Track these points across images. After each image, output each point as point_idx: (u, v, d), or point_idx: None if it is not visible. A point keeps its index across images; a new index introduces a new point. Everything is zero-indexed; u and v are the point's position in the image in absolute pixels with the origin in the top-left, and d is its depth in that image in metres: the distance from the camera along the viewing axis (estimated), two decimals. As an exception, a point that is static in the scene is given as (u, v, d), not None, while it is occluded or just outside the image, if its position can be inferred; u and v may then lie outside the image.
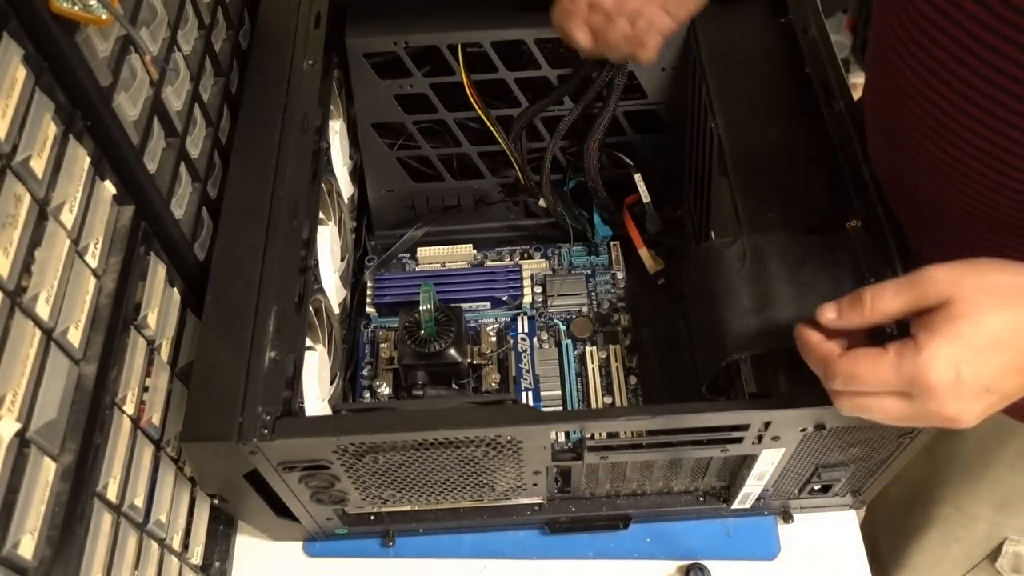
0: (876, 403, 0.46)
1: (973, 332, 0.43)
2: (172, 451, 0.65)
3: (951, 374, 0.43)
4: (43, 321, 0.48)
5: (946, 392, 0.44)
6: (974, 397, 0.44)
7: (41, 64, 0.48)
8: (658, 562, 0.73)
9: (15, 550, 0.44)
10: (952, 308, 0.44)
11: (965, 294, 0.44)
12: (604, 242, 0.88)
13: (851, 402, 0.47)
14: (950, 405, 0.44)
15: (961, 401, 0.44)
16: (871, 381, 0.46)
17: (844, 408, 0.48)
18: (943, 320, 0.44)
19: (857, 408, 0.47)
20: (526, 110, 0.81)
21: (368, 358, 0.82)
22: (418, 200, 0.89)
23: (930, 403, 0.44)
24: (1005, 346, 0.43)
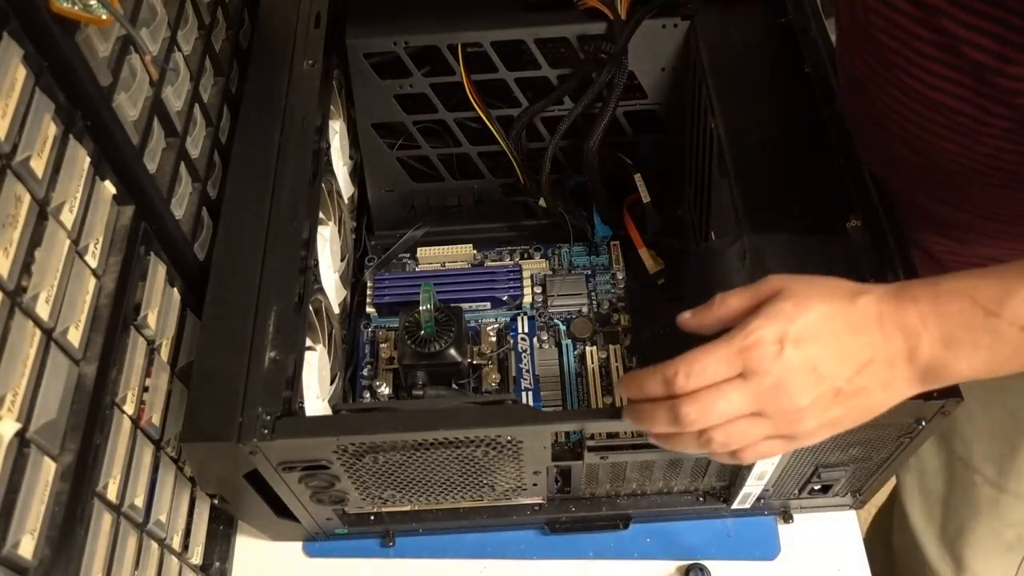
0: (720, 394, 0.47)
1: (795, 311, 0.46)
2: (172, 451, 0.65)
3: (775, 346, 0.46)
4: (43, 321, 0.48)
5: (771, 364, 0.46)
6: (800, 374, 0.46)
7: (41, 64, 0.48)
8: (658, 562, 0.73)
9: (15, 550, 0.44)
10: (780, 295, 0.47)
11: (794, 286, 0.48)
12: (604, 242, 0.88)
13: (694, 403, 0.47)
14: (781, 383, 0.46)
15: (789, 378, 0.46)
16: (709, 362, 0.47)
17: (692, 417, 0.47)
18: (770, 303, 0.47)
19: (702, 410, 0.47)
20: (526, 110, 0.81)
21: (368, 358, 0.82)
22: (418, 200, 0.89)
23: (763, 379, 0.46)
24: (825, 330, 0.46)
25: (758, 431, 0.48)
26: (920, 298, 0.46)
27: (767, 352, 0.46)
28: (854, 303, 0.47)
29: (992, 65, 0.53)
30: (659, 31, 0.77)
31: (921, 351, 0.46)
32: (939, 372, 0.47)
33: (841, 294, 0.47)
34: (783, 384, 0.46)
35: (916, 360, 0.46)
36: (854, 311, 0.47)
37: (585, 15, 0.77)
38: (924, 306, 0.46)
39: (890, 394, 0.48)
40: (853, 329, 0.47)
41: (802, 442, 0.49)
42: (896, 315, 0.46)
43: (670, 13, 0.76)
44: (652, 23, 0.76)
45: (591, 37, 0.77)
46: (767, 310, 0.47)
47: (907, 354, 0.46)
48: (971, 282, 0.46)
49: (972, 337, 0.45)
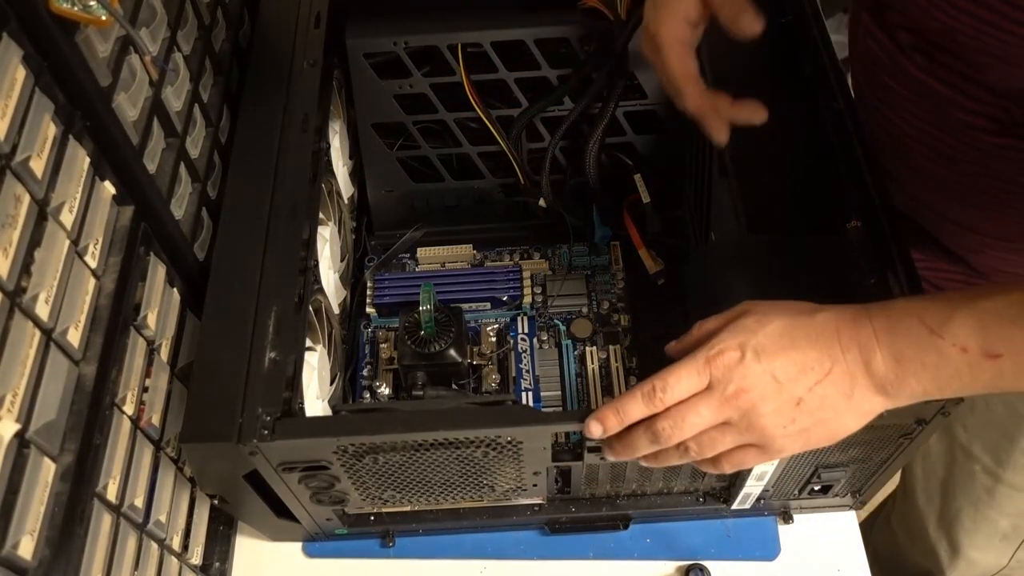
0: (690, 407, 0.50)
1: (756, 325, 0.50)
2: (172, 451, 0.65)
3: (736, 354, 0.49)
4: (43, 321, 0.48)
5: (733, 371, 0.49)
6: (762, 382, 0.49)
7: (41, 64, 0.48)
8: (658, 562, 0.73)
9: (15, 550, 0.44)
10: (744, 312, 0.51)
11: (760, 305, 0.51)
12: (604, 242, 0.88)
13: (668, 418, 0.51)
14: (743, 390, 0.49)
15: (751, 386, 0.49)
16: (681, 378, 0.50)
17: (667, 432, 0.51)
18: (734, 319, 0.51)
19: (675, 423, 0.50)
20: (526, 110, 0.81)
21: (368, 358, 0.82)
22: (418, 200, 0.89)
23: (727, 387, 0.49)
24: (784, 341, 0.49)
25: (728, 439, 0.51)
26: (875, 315, 0.49)
27: (729, 360, 0.49)
28: (813, 318, 0.50)
29: None
30: (659, 31, 0.77)
31: (876, 365, 0.49)
32: (894, 387, 0.49)
33: (802, 310, 0.51)
34: (745, 391, 0.49)
35: (872, 373, 0.49)
36: (813, 325, 0.50)
37: (585, 15, 0.77)
38: (878, 323, 0.49)
39: (853, 405, 0.50)
40: (811, 341, 0.49)
41: (775, 452, 0.52)
42: (852, 329, 0.49)
43: (670, 13, 0.76)
44: (652, 23, 0.76)
45: (591, 37, 0.77)
46: (731, 325, 0.51)
47: (863, 367, 0.49)
48: (921, 303, 0.49)
49: (919, 356, 0.48)
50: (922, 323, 0.48)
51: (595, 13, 0.76)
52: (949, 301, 0.48)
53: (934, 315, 0.48)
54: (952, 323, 0.47)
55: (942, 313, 0.47)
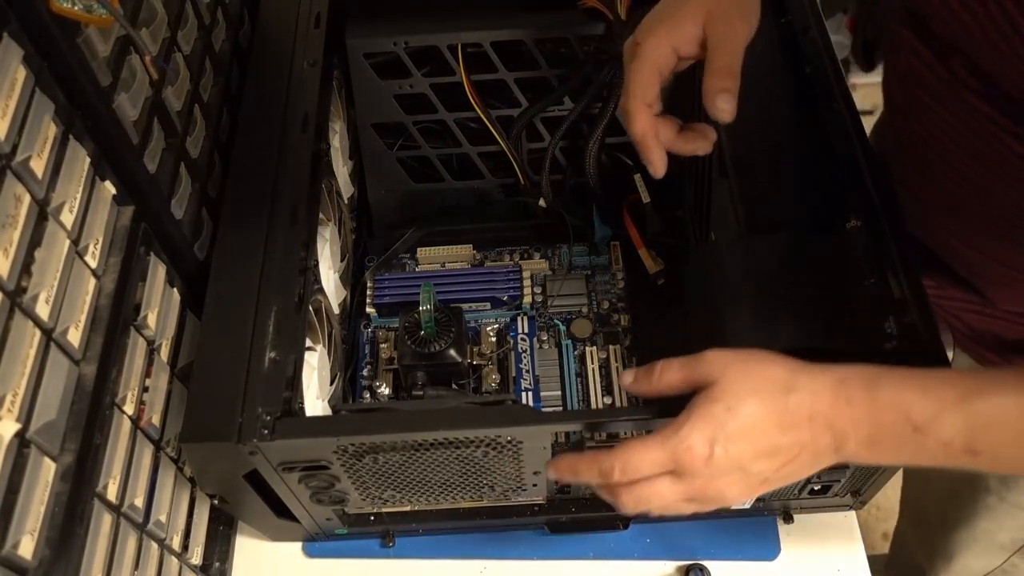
0: (653, 488, 0.50)
1: (725, 416, 0.48)
2: (172, 451, 0.65)
3: (706, 451, 0.48)
4: (43, 321, 0.48)
5: (703, 467, 0.48)
6: (730, 474, 0.49)
7: (41, 64, 0.48)
8: (658, 562, 0.73)
9: (15, 550, 0.44)
10: (712, 391, 0.49)
11: (727, 379, 0.49)
12: (604, 242, 0.88)
13: (631, 494, 0.51)
14: (711, 481, 0.49)
15: (719, 477, 0.49)
16: (643, 462, 0.49)
17: (628, 504, 0.51)
18: (703, 401, 0.49)
19: (637, 500, 0.51)
20: (526, 110, 0.81)
21: (368, 358, 0.82)
22: (418, 200, 0.89)
23: (695, 479, 0.49)
24: (754, 432, 0.48)
25: (688, 509, 0.52)
26: (855, 402, 0.48)
27: (698, 456, 0.48)
28: (786, 401, 0.48)
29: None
30: (659, 31, 0.77)
31: (848, 448, 0.48)
32: (859, 460, 0.50)
33: (774, 390, 0.49)
34: (713, 483, 0.49)
35: (841, 452, 0.49)
36: (786, 410, 0.48)
37: (585, 15, 0.76)
38: (858, 412, 0.48)
39: (814, 471, 0.51)
40: (783, 428, 0.48)
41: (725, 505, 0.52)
42: (828, 415, 0.48)
43: (670, 13, 0.76)
44: (652, 23, 0.76)
45: (591, 37, 0.77)
46: (700, 412, 0.49)
47: (833, 448, 0.49)
48: (908, 396, 0.47)
49: (897, 445, 0.48)
50: (907, 420, 0.47)
51: (595, 13, 0.76)
52: (939, 399, 0.47)
53: (921, 412, 0.47)
54: (939, 422, 0.46)
55: (930, 411, 0.47)
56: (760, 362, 0.50)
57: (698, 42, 0.58)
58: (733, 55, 0.57)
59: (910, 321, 0.57)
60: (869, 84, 2.12)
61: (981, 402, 0.46)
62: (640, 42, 0.59)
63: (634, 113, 0.58)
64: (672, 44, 0.58)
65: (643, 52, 0.58)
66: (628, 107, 0.59)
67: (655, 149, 0.59)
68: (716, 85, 0.57)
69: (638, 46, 0.59)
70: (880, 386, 0.48)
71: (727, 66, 0.57)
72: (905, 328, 0.57)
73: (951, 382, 0.48)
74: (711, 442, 0.48)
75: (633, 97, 0.58)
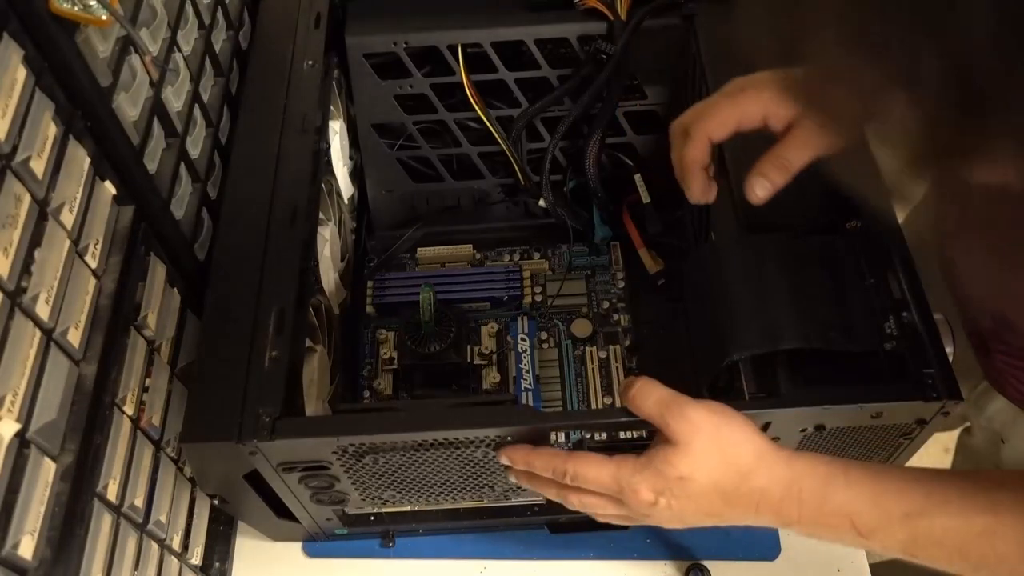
0: (596, 501, 0.54)
1: (678, 483, 0.51)
2: (172, 451, 0.65)
3: (650, 498, 0.51)
4: (43, 321, 0.48)
5: (647, 509, 0.52)
6: (670, 519, 0.53)
7: (41, 64, 0.48)
8: (658, 562, 0.73)
9: (15, 550, 0.44)
10: (673, 455, 0.51)
11: (693, 449, 0.50)
12: (604, 242, 0.88)
13: (577, 497, 0.55)
14: (648, 517, 0.53)
15: (660, 519, 0.53)
16: (593, 482, 0.53)
17: (572, 504, 0.55)
18: (662, 459, 0.51)
19: (582, 504, 0.55)
20: (526, 110, 0.81)
21: (368, 358, 0.82)
22: (418, 200, 0.89)
23: (635, 512, 0.53)
24: (702, 501, 0.51)
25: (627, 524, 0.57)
26: (805, 503, 0.50)
27: (643, 500, 0.52)
28: (739, 486, 0.51)
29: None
30: (659, 31, 0.77)
31: (790, 528, 0.52)
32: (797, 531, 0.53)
33: (733, 475, 0.51)
34: (650, 519, 0.54)
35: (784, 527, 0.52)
36: (737, 495, 0.51)
37: (585, 15, 0.77)
38: (806, 511, 0.50)
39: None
40: (730, 503, 0.51)
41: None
42: (776, 507, 0.51)
43: (670, 13, 0.76)
44: (652, 23, 0.76)
45: (591, 37, 0.77)
46: (656, 468, 0.51)
47: (777, 524, 0.52)
48: (857, 506, 0.49)
49: (838, 539, 0.51)
50: (852, 526, 0.49)
51: (595, 13, 0.76)
52: (886, 512, 0.49)
53: (866, 523, 0.49)
54: (882, 533, 0.49)
55: (875, 523, 0.49)
56: (730, 440, 0.51)
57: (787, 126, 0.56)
58: (803, 156, 0.56)
59: (910, 321, 0.57)
60: (869, 84, 2.11)
61: (925, 522, 0.48)
62: (745, 89, 0.57)
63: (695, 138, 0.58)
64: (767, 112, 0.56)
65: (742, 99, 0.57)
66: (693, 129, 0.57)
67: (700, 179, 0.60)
68: (767, 171, 0.56)
69: (742, 92, 0.57)
70: (833, 491, 0.50)
71: (788, 162, 0.56)
72: (905, 328, 0.57)
73: (901, 496, 0.49)
74: (658, 494, 0.51)
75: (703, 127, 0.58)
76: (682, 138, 0.60)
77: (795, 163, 0.56)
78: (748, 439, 0.51)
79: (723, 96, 0.58)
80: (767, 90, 0.56)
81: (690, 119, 0.59)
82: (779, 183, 0.55)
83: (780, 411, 0.56)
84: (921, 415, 0.56)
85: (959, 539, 0.48)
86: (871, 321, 0.59)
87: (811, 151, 0.55)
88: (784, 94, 0.55)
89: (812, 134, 0.55)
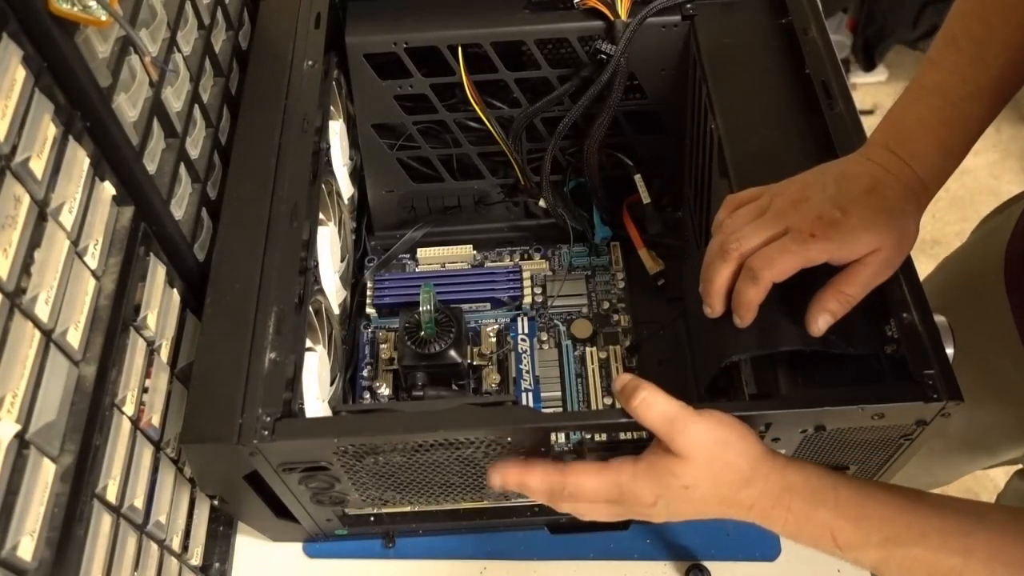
0: (593, 508, 0.55)
1: (679, 490, 0.53)
2: (172, 452, 0.65)
3: (650, 499, 0.53)
4: (42, 322, 0.48)
5: (642, 508, 0.54)
6: (666, 517, 0.55)
7: (40, 65, 0.48)
8: (658, 562, 0.73)
9: (14, 551, 0.44)
10: (676, 466, 0.52)
11: (695, 463, 0.52)
12: (604, 243, 0.88)
13: (571, 508, 0.56)
14: (646, 516, 0.55)
15: (655, 517, 0.55)
16: (591, 493, 0.54)
17: (565, 511, 0.56)
18: (662, 468, 0.52)
19: (575, 511, 0.56)
20: (526, 110, 0.81)
21: (368, 359, 0.82)
22: (418, 200, 0.89)
23: (630, 511, 0.55)
24: (699, 504, 0.54)
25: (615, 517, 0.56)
26: (793, 511, 0.53)
27: (642, 502, 0.53)
28: (737, 493, 0.53)
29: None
30: (659, 31, 0.77)
31: (773, 528, 0.54)
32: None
33: (731, 482, 0.53)
34: (645, 514, 0.55)
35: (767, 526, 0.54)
36: (733, 499, 0.53)
37: (585, 15, 0.77)
38: (791, 520, 0.53)
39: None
40: (725, 506, 0.54)
41: None
42: (766, 512, 0.53)
43: (670, 13, 0.76)
44: (652, 23, 0.76)
45: (591, 37, 0.77)
46: (657, 475, 0.53)
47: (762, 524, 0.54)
48: (840, 524, 0.52)
49: (815, 546, 0.54)
50: (832, 539, 0.52)
51: (595, 13, 0.76)
52: (866, 534, 0.52)
53: (846, 540, 0.52)
54: (859, 551, 0.52)
55: (854, 542, 0.52)
56: (731, 451, 0.52)
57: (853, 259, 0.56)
58: (865, 291, 0.56)
59: (910, 322, 0.57)
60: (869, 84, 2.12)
61: (900, 551, 0.51)
62: (816, 236, 0.55)
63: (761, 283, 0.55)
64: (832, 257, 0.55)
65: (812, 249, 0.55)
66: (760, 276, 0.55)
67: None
68: (832, 307, 0.56)
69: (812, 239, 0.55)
70: (819, 507, 0.52)
71: (852, 297, 0.56)
72: (905, 329, 0.57)
73: (883, 523, 0.52)
74: (657, 497, 0.53)
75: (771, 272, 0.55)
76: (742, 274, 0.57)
77: (857, 298, 0.56)
78: (749, 448, 0.53)
79: (791, 241, 0.55)
80: (837, 239, 0.55)
81: (754, 261, 0.56)
82: (839, 316, 0.56)
83: (780, 412, 0.55)
84: (922, 416, 0.56)
85: (928, 572, 0.51)
86: (871, 323, 0.59)
87: (872, 285, 0.56)
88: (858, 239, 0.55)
89: (883, 268, 0.56)
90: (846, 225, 0.55)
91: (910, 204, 0.57)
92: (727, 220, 0.59)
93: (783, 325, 0.58)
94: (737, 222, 0.58)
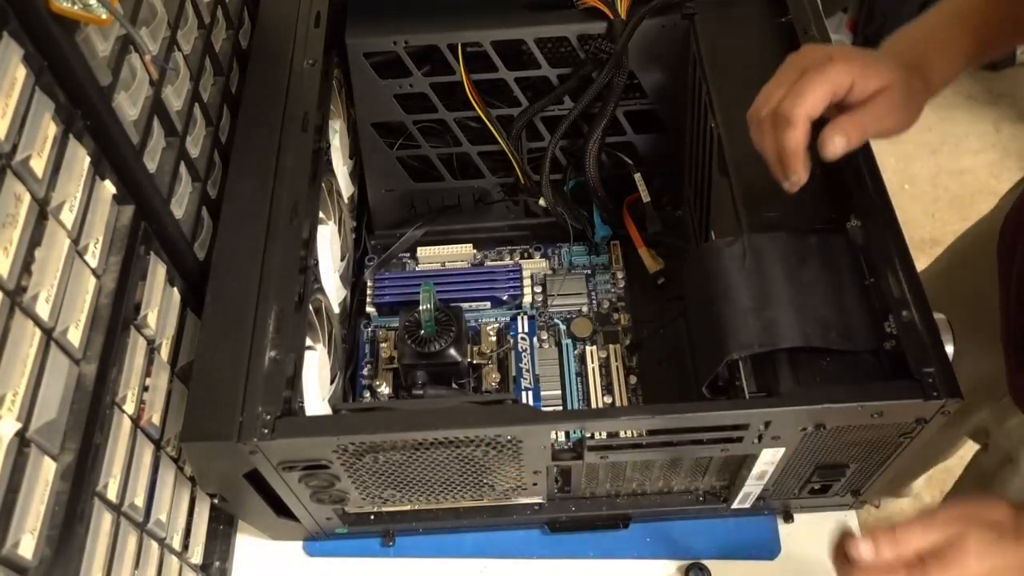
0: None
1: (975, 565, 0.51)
2: (172, 451, 0.65)
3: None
4: (43, 321, 0.48)
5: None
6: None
7: (41, 64, 0.48)
8: (658, 562, 0.73)
9: (15, 549, 0.44)
10: (960, 546, 0.51)
11: (971, 539, 0.52)
12: (604, 242, 0.88)
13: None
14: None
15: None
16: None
17: None
18: (954, 557, 0.51)
19: None
20: (526, 110, 0.81)
21: (368, 358, 0.82)
22: (418, 200, 0.89)
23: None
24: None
25: None
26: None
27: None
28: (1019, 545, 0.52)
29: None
30: (659, 31, 0.77)
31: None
32: None
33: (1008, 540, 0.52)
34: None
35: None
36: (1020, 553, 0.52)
37: (585, 15, 0.77)
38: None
39: None
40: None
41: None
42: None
43: (670, 13, 0.77)
44: (652, 23, 0.77)
45: (591, 37, 0.77)
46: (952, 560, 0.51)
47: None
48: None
49: None
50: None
51: (595, 13, 0.76)
52: None
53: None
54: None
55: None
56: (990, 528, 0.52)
57: (867, 98, 0.57)
58: (877, 126, 0.58)
59: (910, 320, 0.57)
60: (869, 84, 2.11)
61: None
62: (834, 58, 0.57)
63: (797, 123, 0.57)
64: (855, 80, 0.57)
65: (832, 70, 0.57)
66: (793, 114, 0.56)
67: (805, 161, 0.58)
68: (849, 129, 0.57)
69: (830, 61, 0.57)
70: None
71: (866, 126, 0.57)
72: (905, 328, 0.57)
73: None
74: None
75: (803, 106, 0.56)
76: (776, 125, 0.58)
77: (871, 130, 0.58)
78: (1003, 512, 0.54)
79: (812, 71, 0.57)
80: (857, 60, 0.57)
81: (784, 104, 0.57)
82: (854, 143, 0.57)
83: (780, 411, 0.56)
84: (921, 414, 0.56)
85: None
86: (870, 320, 0.59)
87: (886, 124, 0.58)
88: (873, 64, 0.58)
89: (893, 107, 0.58)
90: (862, 53, 0.57)
91: (916, 80, 0.59)
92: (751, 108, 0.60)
93: (783, 323, 0.58)
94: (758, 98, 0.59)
